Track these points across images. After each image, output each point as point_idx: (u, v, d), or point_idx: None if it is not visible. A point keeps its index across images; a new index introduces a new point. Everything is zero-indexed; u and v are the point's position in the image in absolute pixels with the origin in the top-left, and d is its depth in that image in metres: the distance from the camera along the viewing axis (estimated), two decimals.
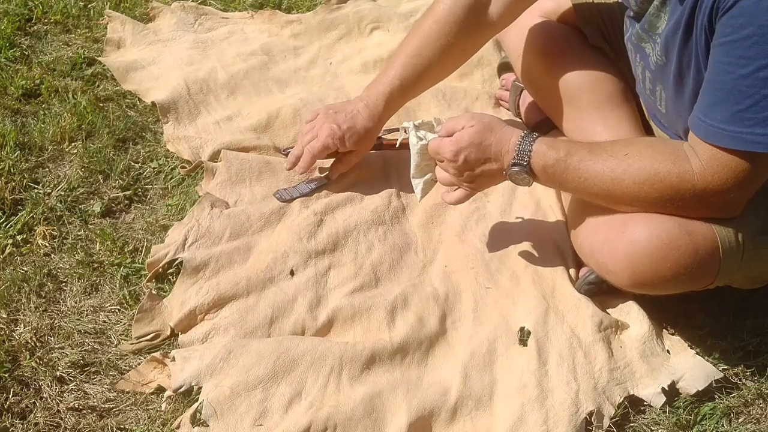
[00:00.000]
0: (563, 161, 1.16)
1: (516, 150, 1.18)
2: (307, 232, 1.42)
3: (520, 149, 1.18)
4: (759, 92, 1.00)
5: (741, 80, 1.01)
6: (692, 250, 1.12)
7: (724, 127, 1.04)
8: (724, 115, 1.04)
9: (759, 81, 0.99)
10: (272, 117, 1.70)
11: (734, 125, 1.03)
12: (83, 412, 1.13)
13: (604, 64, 1.46)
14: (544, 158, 1.17)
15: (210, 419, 1.11)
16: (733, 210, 1.13)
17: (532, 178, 1.19)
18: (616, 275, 1.18)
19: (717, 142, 1.06)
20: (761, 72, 0.99)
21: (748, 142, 1.03)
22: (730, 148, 1.05)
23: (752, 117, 1.01)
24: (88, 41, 1.93)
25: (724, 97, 1.04)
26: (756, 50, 0.98)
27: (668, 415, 1.19)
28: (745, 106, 1.01)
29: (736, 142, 1.04)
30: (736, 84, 1.02)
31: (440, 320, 1.30)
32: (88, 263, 1.35)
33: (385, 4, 2.19)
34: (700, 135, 1.08)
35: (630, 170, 1.12)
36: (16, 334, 1.22)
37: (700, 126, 1.08)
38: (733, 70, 1.02)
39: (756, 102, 1.00)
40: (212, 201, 1.46)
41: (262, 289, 1.32)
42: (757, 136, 1.02)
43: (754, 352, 1.29)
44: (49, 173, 1.53)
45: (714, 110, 1.05)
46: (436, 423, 1.16)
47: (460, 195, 1.28)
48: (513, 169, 1.19)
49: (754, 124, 1.01)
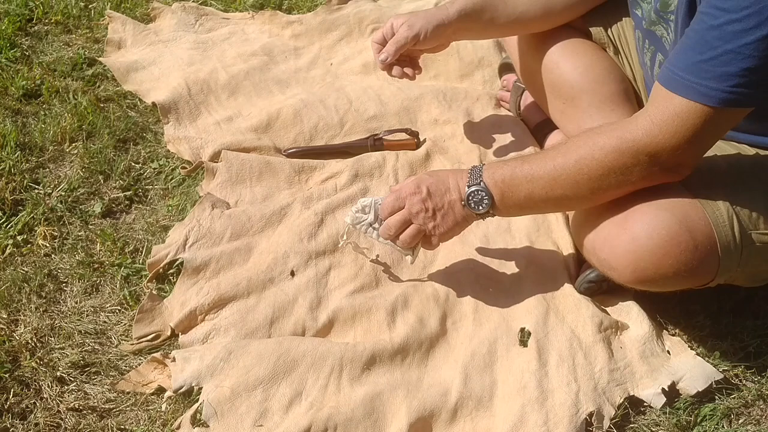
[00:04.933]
0: (511, 169, 1.17)
1: (468, 174, 1.20)
2: (308, 232, 1.42)
3: (472, 171, 1.20)
4: (722, 46, 1.00)
5: (710, 31, 1.01)
6: (692, 247, 1.12)
7: (681, 75, 1.04)
8: (686, 63, 1.04)
9: (725, 34, 0.99)
10: (273, 117, 1.70)
11: (692, 74, 1.03)
12: (83, 412, 1.13)
13: (606, 63, 1.46)
14: (493, 170, 1.18)
15: (210, 420, 1.11)
16: (686, 168, 1.12)
17: (490, 198, 1.18)
18: (618, 271, 1.18)
19: (671, 87, 1.06)
20: (730, 26, 0.99)
21: (699, 94, 1.02)
22: (682, 96, 1.04)
23: (710, 69, 1.01)
24: (88, 42, 1.94)
25: (690, 46, 1.04)
26: (730, 3, 0.98)
27: (668, 415, 1.19)
28: (706, 57, 1.01)
29: (687, 91, 1.04)
30: (704, 34, 1.02)
31: (440, 321, 1.30)
32: (89, 264, 1.35)
33: (386, 5, 2.19)
34: (660, 80, 1.08)
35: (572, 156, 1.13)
36: (17, 334, 1.22)
37: (663, 71, 1.08)
38: (706, 20, 1.02)
39: (717, 55, 1.00)
40: (213, 201, 1.46)
41: (262, 290, 1.32)
42: (709, 89, 1.01)
43: (754, 353, 1.29)
44: (49, 173, 1.53)
45: (679, 57, 1.06)
46: (436, 424, 1.16)
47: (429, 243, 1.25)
48: (471, 190, 1.19)
49: (710, 77, 1.01)
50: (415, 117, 1.75)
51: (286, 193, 1.53)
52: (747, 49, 0.98)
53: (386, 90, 1.82)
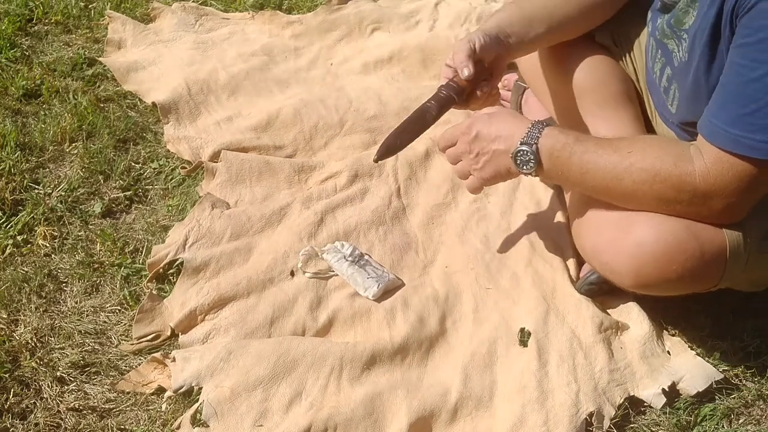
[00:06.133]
0: (570, 146, 1.14)
1: (527, 129, 1.17)
2: (308, 232, 1.42)
3: (531, 129, 1.17)
4: (764, 98, 0.99)
5: (750, 84, 1.00)
6: (699, 254, 1.11)
7: (727, 129, 1.04)
8: (729, 117, 1.03)
9: (766, 86, 0.99)
10: (273, 117, 1.70)
11: (737, 128, 1.02)
12: (83, 412, 1.13)
13: (609, 63, 1.46)
14: (553, 140, 1.15)
15: (210, 420, 1.11)
16: (735, 215, 1.12)
17: (537, 163, 1.16)
18: (621, 276, 1.18)
19: (718, 142, 1.05)
20: None
21: (747, 147, 1.02)
22: (730, 150, 1.04)
23: (754, 122, 1.01)
24: (88, 42, 1.94)
25: (732, 99, 1.03)
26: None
27: (668, 416, 1.19)
28: (749, 111, 1.01)
29: (736, 145, 1.03)
30: (745, 87, 1.01)
31: (440, 321, 1.30)
32: (89, 264, 1.35)
33: (385, 5, 2.19)
34: (705, 134, 1.08)
35: (631, 169, 1.11)
36: (17, 334, 1.22)
37: (707, 125, 1.08)
38: (745, 73, 1.01)
39: (760, 107, 1.00)
40: (213, 201, 1.46)
41: (262, 290, 1.32)
42: (757, 142, 1.01)
43: (754, 353, 1.29)
44: (49, 173, 1.53)
45: (721, 111, 1.05)
46: (436, 424, 1.16)
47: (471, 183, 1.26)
48: (521, 148, 1.16)
49: (755, 129, 1.01)
50: None
51: (285, 193, 1.53)
52: None
53: (386, 90, 1.82)
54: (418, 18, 2.14)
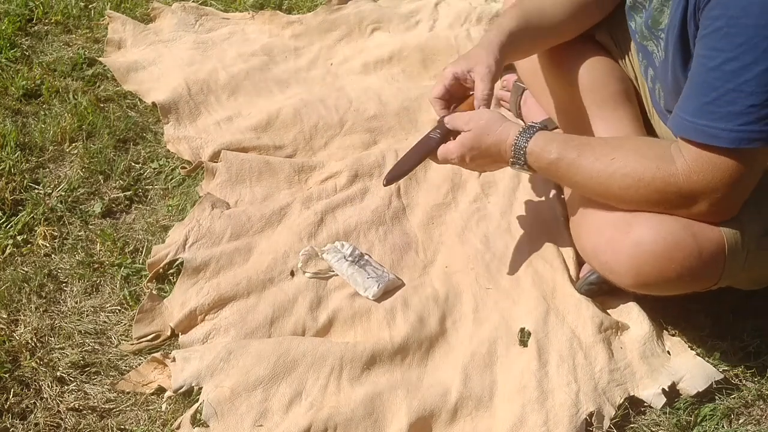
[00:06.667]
0: (554, 164, 1.17)
1: (512, 151, 1.20)
2: (308, 232, 1.42)
3: (516, 149, 1.20)
4: (723, 85, 0.99)
5: (710, 72, 1.01)
6: (697, 252, 1.11)
7: (692, 120, 1.04)
8: (694, 107, 1.04)
9: (725, 74, 0.99)
10: (273, 117, 1.70)
11: (701, 118, 1.03)
12: (83, 412, 1.13)
13: (607, 63, 1.46)
14: (537, 161, 1.19)
15: (210, 420, 1.11)
16: (727, 211, 1.11)
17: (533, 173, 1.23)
18: (620, 276, 1.18)
19: (686, 134, 1.06)
20: (727, 65, 0.98)
21: (711, 136, 1.02)
22: (697, 141, 1.04)
23: (716, 110, 1.01)
24: (88, 42, 1.94)
25: (695, 90, 1.04)
26: (725, 42, 0.98)
27: (668, 416, 1.19)
28: (710, 99, 1.01)
29: (700, 135, 1.03)
30: (706, 77, 1.02)
31: (440, 321, 1.30)
32: (89, 264, 1.35)
33: (385, 5, 2.19)
34: (672, 127, 1.09)
35: (615, 176, 1.12)
36: (17, 334, 1.22)
37: (674, 119, 1.08)
38: (705, 63, 1.02)
39: (720, 95, 1.00)
40: (213, 201, 1.46)
41: (262, 290, 1.32)
42: (719, 130, 1.01)
43: (754, 353, 1.29)
44: (49, 173, 1.53)
45: (686, 103, 1.06)
46: (436, 424, 1.16)
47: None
48: (514, 167, 1.22)
49: (717, 118, 1.01)
50: (415, 117, 1.75)
51: (285, 193, 1.53)
52: (748, 86, 0.98)
53: (386, 90, 1.82)
54: (418, 18, 2.14)
